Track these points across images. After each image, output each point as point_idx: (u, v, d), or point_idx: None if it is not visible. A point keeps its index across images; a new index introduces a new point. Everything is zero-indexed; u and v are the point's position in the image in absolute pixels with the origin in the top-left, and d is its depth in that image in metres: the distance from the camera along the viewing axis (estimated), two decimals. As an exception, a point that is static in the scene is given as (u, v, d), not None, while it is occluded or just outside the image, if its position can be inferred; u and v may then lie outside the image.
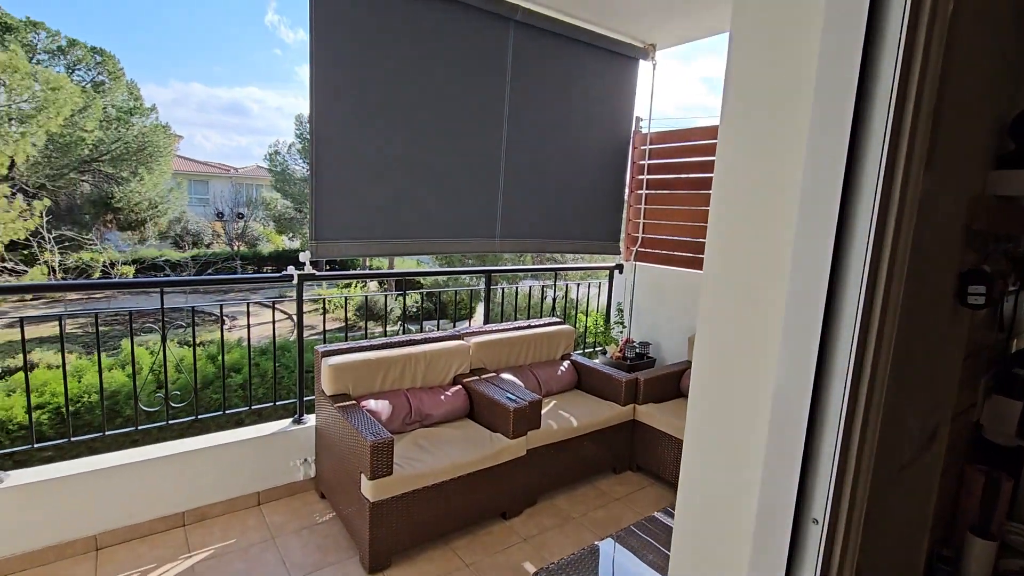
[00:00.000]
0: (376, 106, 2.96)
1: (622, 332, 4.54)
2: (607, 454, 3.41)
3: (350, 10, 2.78)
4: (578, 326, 4.76)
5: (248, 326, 3.24)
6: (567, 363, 3.76)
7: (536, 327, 3.77)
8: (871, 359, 0.82)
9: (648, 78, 4.23)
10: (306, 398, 3.14)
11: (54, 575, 2.35)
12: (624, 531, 2.47)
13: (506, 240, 3.68)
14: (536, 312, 4.98)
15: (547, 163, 3.79)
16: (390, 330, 10.18)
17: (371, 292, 11.98)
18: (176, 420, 3.04)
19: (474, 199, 3.46)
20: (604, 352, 4.45)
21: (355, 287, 12.38)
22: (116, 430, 2.88)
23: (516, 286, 5.34)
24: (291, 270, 2.93)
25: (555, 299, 4.94)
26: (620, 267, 4.64)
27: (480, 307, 4.07)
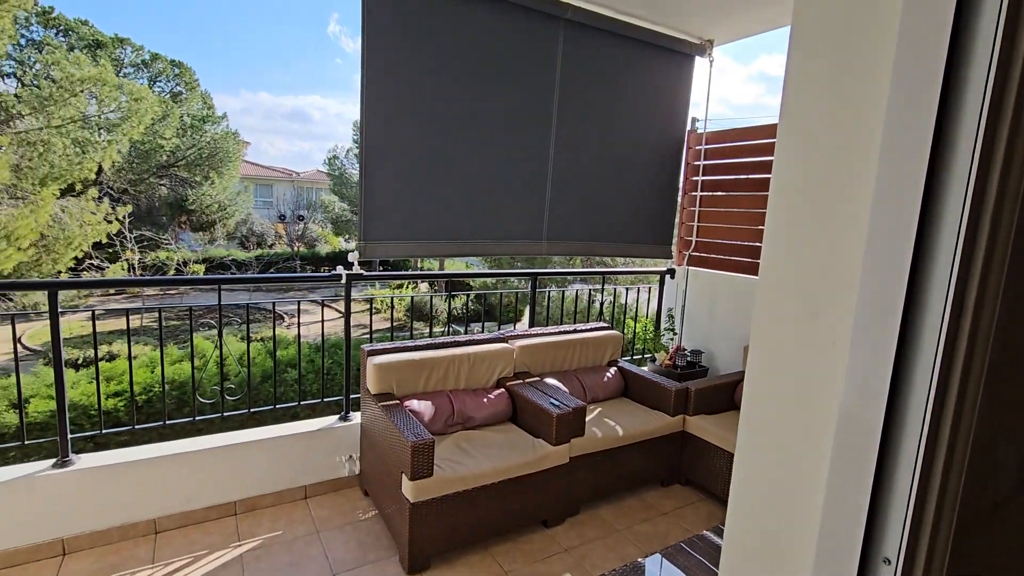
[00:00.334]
0: (424, 109, 2.98)
1: (672, 339, 4.38)
2: (654, 466, 3.28)
3: (400, 16, 2.81)
4: (626, 332, 4.64)
5: (299, 324, 3.34)
6: (614, 369, 3.66)
7: (582, 332, 3.69)
8: (959, 377, 0.71)
9: (704, 75, 4.08)
10: (352, 396, 3.20)
11: (117, 555, 2.48)
12: (672, 548, 2.35)
13: (553, 242, 3.62)
14: (583, 316, 4.89)
15: (597, 164, 3.70)
16: (438, 331, 10.31)
17: (421, 293, 12.20)
18: (234, 412, 3.16)
19: (521, 201, 3.43)
20: (653, 359, 4.30)
21: (406, 288, 12.64)
22: (181, 419, 3.02)
23: (564, 290, 5.27)
24: (340, 270, 2.99)
25: (603, 303, 4.83)
26: (672, 271, 4.48)
27: (527, 311, 4.03)
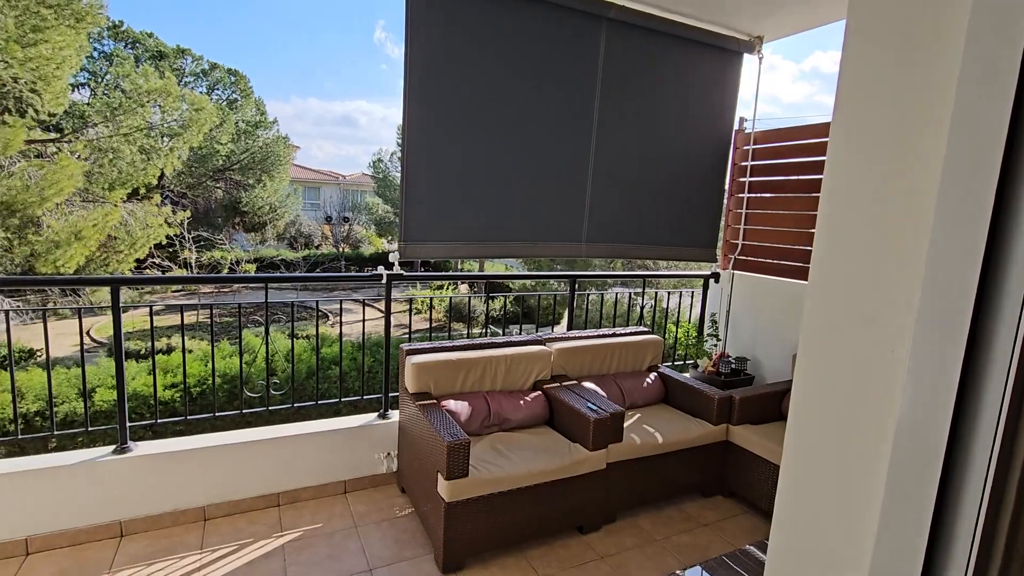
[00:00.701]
0: (465, 110, 3.00)
1: (716, 345, 4.25)
2: (695, 475, 3.19)
3: (443, 22, 2.84)
4: (667, 337, 4.53)
5: (341, 323, 3.42)
6: (654, 375, 3.57)
7: (621, 335, 3.62)
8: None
9: (753, 73, 3.94)
10: (391, 394, 3.25)
11: (169, 539, 2.60)
12: (714, 561, 2.27)
13: (593, 245, 3.58)
14: (623, 320, 4.81)
15: (639, 165, 3.63)
16: (477, 332, 10.38)
17: (460, 294, 12.31)
18: (279, 406, 3.27)
19: (561, 202, 3.40)
20: (695, 366, 4.19)
21: (446, 289, 12.79)
22: (230, 412, 3.15)
23: (603, 293, 5.20)
24: (380, 270, 3.05)
25: (643, 307, 4.73)
26: (716, 276, 4.35)
27: (566, 313, 4.00)
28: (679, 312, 4.65)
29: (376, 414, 3.22)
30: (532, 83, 3.15)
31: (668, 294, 4.99)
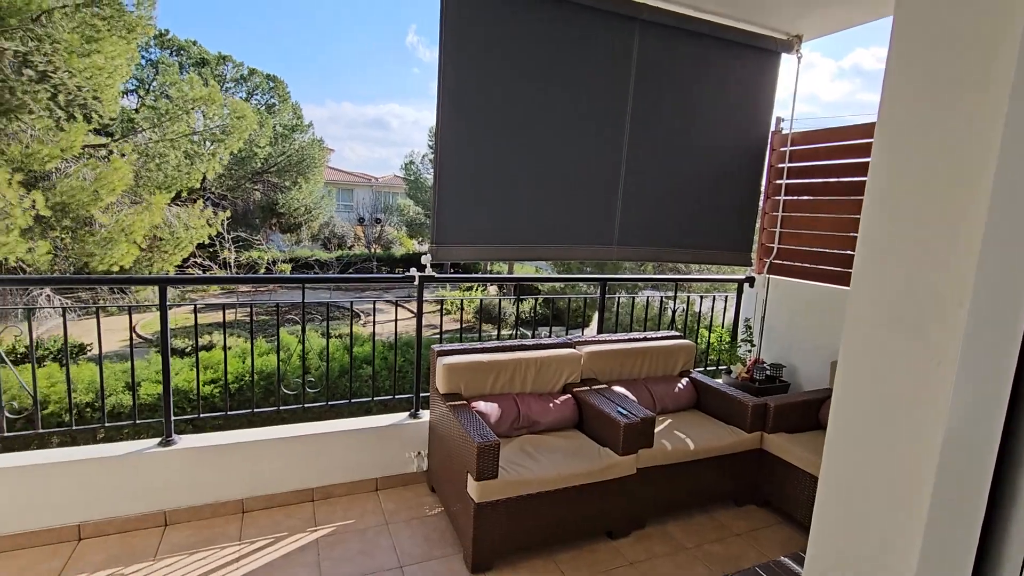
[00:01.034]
0: (497, 114, 3.02)
1: (750, 351, 4.16)
2: (728, 483, 3.13)
3: (476, 24, 2.87)
4: (700, 341, 4.45)
5: (374, 322, 3.49)
6: (686, 380, 3.52)
7: (652, 340, 3.59)
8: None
9: (791, 73, 3.85)
10: (422, 394, 3.29)
11: (210, 529, 2.70)
12: (746, 572, 2.23)
13: (624, 248, 3.55)
14: (654, 324, 4.75)
15: (672, 168, 3.59)
16: (506, 334, 10.42)
17: (490, 296, 12.37)
18: (314, 404, 3.36)
19: (592, 205, 3.39)
20: (729, 372, 4.10)
21: (476, 290, 12.88)
22: (267, 408, 3.25)
23: (634, 296, 5.15)
24: (412, 271, 3.10)
25: (675, 311, 4.67)
26: (751, 280, 4.26)
27: (596, 316, 3.98)
28: (712, 316, 4.57)
29: (407, 413, 3.27)
30: (565, 86, 3.15)
31: (700, 298, 4.91)
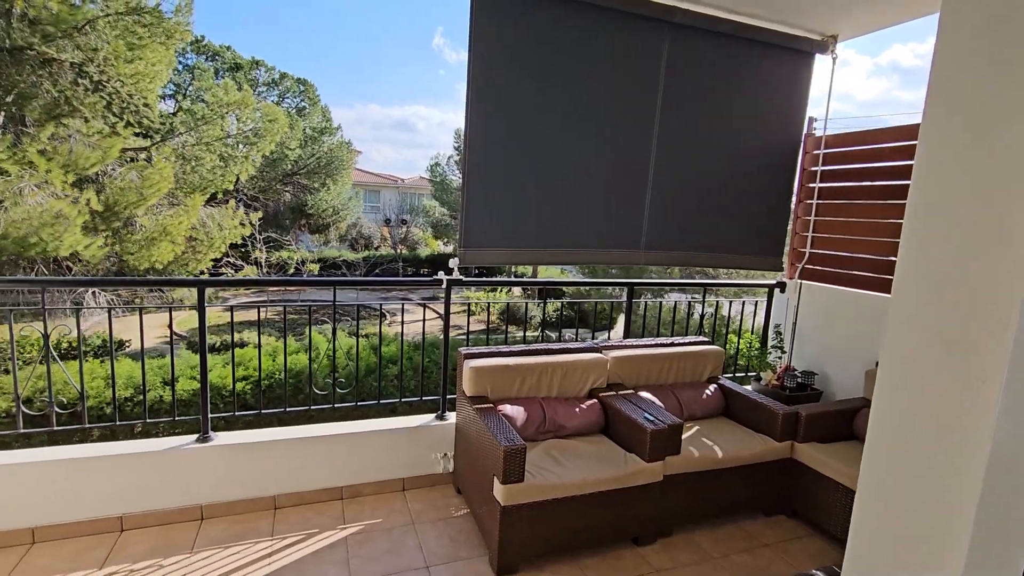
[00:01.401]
0: (526, 118, 3.03)
1: (780, 358, 4.08)
2: (757, 493, 3.07)
3: (505, 29, 2.89)
4: (728, 347, 4.39)
5: (402, 322, 3.54)
6: (714, 387, 3.48)
7: (680, 345, 3.55)
8: None
9: (825, 74, 3.76)
10: (448, 396, 3.33)
11: (243, 524, 2.78)
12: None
13: (651, 252, 3.52)
14: (681, 328, 4.70)
15: (701, 171, 3.55)
16: (531, 335, 10.43)
17: (515, 298, 12.39)
18: (342, 404, 3.43)
19: (619, 209, 3.38)
20: (758, 379, 4.03)
21: (500, 292, 12.91)
22: (298, 407, 3.33)
23: (661, 300, 5.10)
24: (440, 275, 3.14)
25: (703, 316, 4.60)
26: (782, 285, 4.18)
27: (621, 317, 3.96)
28: (741, 321, 4.50)
29: (434, 415, 3.31)
30: (592, 89, 3.15)
31: (730, 302, 4.83)
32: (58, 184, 7.24)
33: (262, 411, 3.19)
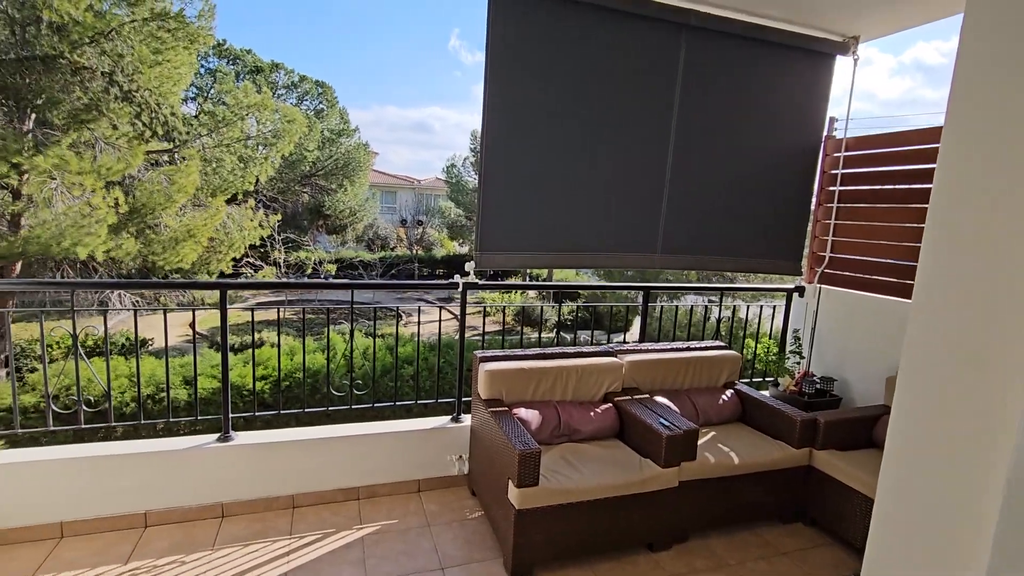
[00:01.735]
0: (542, 121, 3.04)
1: (799, 363, 4.03)
2: (774, 500, 3.04)
3: (522, 31, 2.90)
4: (745, 351, 4.34)
5: (419, 323, 3.57)
6: (730, 392, 3.45)
7: (696, 350, 3.53)
8: None
9: (846, 75, 3.71)
10: (464, 399, 3.35)
11: (262, 523, 2.83)
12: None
13: (668, 256, 3.51)
14: (697, 331, 4.66)
15: (718, 174, 3.53)
16: (546, 337, 10.42)
17: (530, 300, 12.40)
18: (359, 405, 3.47)
19: (635, 213, 3.37)
20: (776, 384, 3.99)
21: (515, 294, 12.93)
22: (316, 408, 3.38)
23: (676, 303, 5.07)
24: (457, 278, 3.16)
25: (719, 320, 4.56)
26: (800, 289, 4.12)
27: (637, 319, 3.94)
28: (759, 325, 4.45)
29: (449, 417, 3.33)
30: (609, 92, 3.15)
31: (747, 306, 4.78)
32: (89, 185, 7.44)
33: (281, 411, 3.25)
